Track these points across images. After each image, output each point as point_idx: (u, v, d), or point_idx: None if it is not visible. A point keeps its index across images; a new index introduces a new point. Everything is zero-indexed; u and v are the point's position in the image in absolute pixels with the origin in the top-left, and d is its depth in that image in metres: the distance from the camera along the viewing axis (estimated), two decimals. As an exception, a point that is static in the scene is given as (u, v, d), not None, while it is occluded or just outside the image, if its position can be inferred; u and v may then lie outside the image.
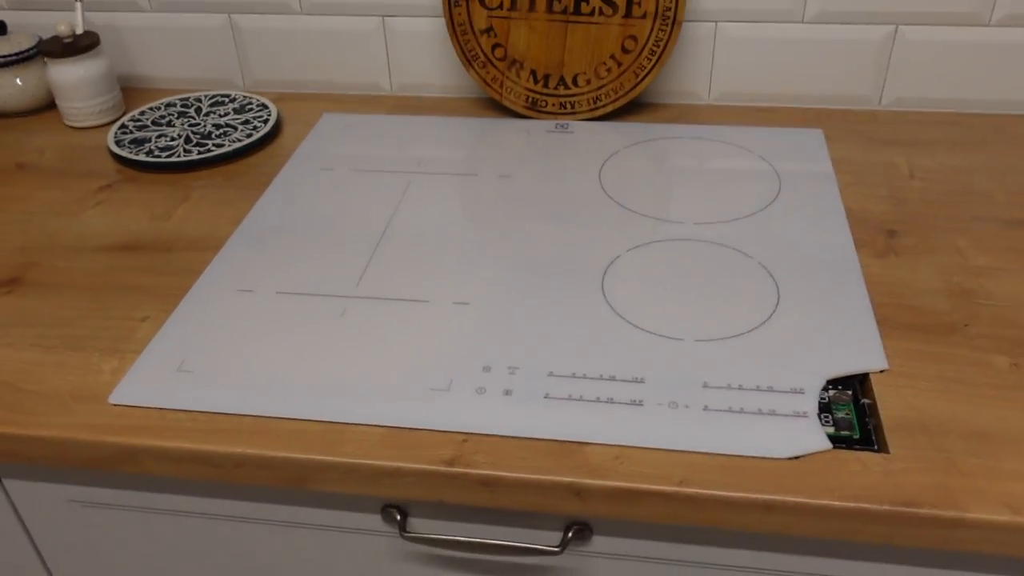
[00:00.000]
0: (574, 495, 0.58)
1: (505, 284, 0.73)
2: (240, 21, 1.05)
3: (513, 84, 0.98)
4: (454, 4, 0.95)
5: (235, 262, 0.77)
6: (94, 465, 0.63)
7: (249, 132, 0.96)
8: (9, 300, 0.75)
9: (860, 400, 0.63)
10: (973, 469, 0.57)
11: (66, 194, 0.90)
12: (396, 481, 0.59)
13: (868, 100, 0.99)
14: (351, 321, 0.70)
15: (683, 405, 0.61)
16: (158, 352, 0.68)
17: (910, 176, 0.87)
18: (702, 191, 0.85)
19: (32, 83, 1.04)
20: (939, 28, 0.93)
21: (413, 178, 0.89)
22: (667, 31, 0.92)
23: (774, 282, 0.73)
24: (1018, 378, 0.63)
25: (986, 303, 0.70)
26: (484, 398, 0.63)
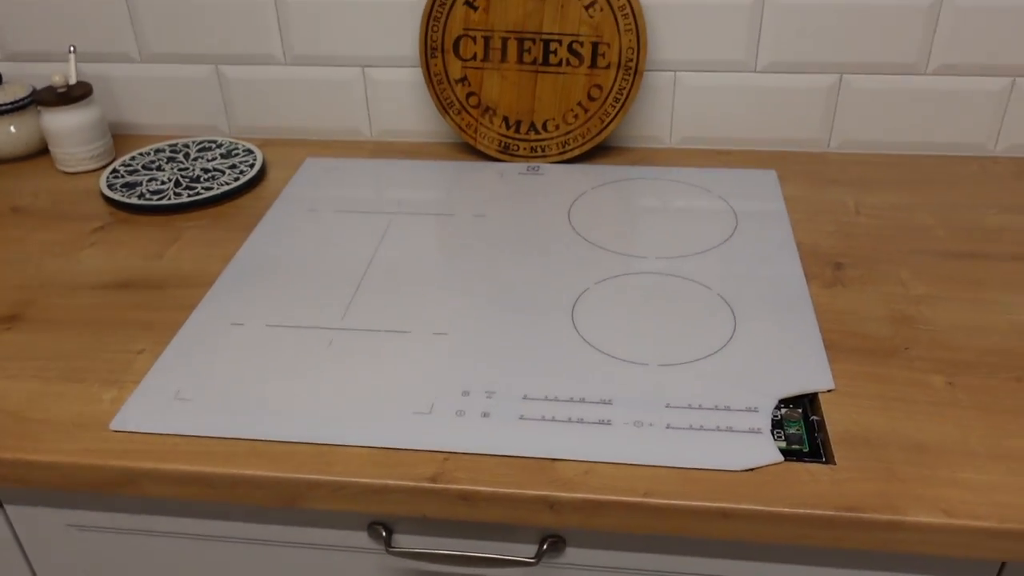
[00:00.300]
0: (547, 507, 0.62)
1: (481, 315, 0.79)
2: (226, 71, 1.10)
3: (487, 130, 1.04)
4: (430, 55, 1.01)
5: (226, 297, 0.82)
6: (96, 488, 0.66)
7: (236, 176, 1.01)
8: (9, 336, 0.79)
9: (810, 417, 0.68)
10: (911, 477, 0.62)
11: (61, 235, 0.94)
12: (383, 498, 0.64)
13: (818, 143, 1.06)
14: (338, 351, 0.75)
15: (647, 424, 0.67)
16: (155, 382, 0.72)
17: (856, 213, 0.94)
18: (664, 228, 0.91)
19: (26, 130, 1.09)
20: (880, 77, 1.01)
21: (393, 218, 0.94)
22: (630, 80, 0.99)
23: (731, 311, 0.79)
24: (952, 395, 0.69)
25: (925, 328, 0.77)
26: (463, 420, 0.67)
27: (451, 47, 1.01)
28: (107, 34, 1.10)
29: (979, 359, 0.73)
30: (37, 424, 0.69)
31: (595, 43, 0.98)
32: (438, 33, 1.00)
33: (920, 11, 0.97)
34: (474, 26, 1.00)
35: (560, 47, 0.99)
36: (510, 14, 0.98)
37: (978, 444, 0.65)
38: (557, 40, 0.99)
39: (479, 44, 1.00)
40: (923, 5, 0.96)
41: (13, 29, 1.11)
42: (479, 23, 0.99)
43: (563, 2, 0.97)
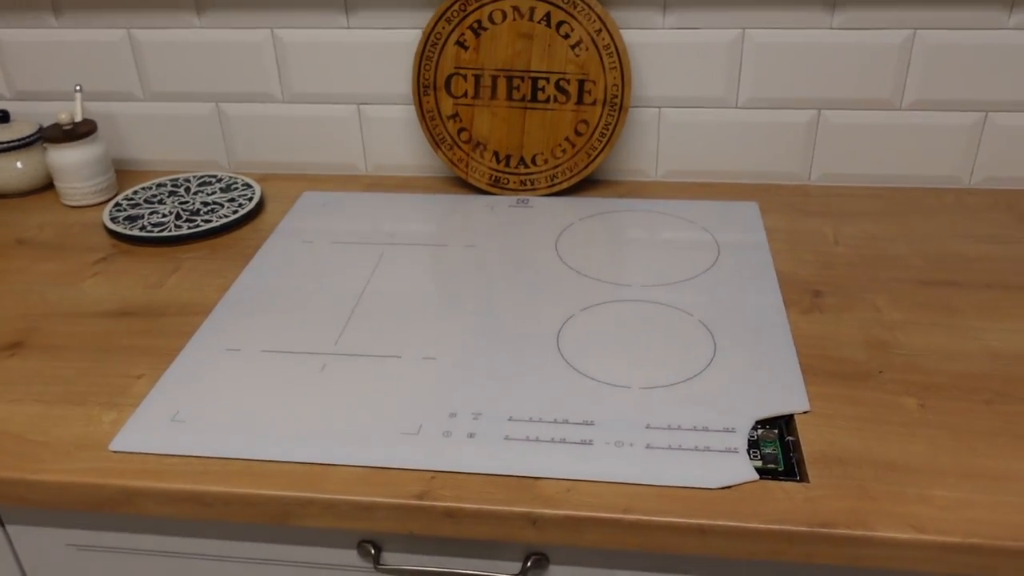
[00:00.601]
0: (530, 524, 0.65)
1: (470, 341, 0.81)
2: (226, 109, 1.14)
3: (478, 164, 1.07)
4: (423, 93, 1.05)
5: (223, 325, 0.85)
6: (94, 507, 0.69)
7: (235, 209, 1.05)
8: (13, 362, 0.82)
9: (785, 438, 0.70)
10: (882, 495, 0.64)
11: (64, 266, 0.97)
12: (371, 515, 0.66)
13: (799, 176, 1.10)
14: (330, 375, 0.77)
15: (627, 444, 0.69)
16: (153, 405, 0.75)
17: (835, 243, 0.97)
18: (648, 258, 0.94)
19: (32, 166, 1.12)
20: (857, 112, 1.05)
21: (386, 249, 0.97)
22: (615, 116, 1.03)
23: (711, 337, 0.81)
24: (924, 416, 0.72)
25: (899, 352, 0.79)
26: (450, 440, 0.70)
27: (443, 85, 1.05)
28: (112, 74, 1.14)
29: (951, 382, 0.75)
30: (38, 446, 0.71)
31: (581, 80, 1.02)
32: (430, 72, 1.04)
33: (893, 49, 1.01)
34: (465, 65, 1.03)
35: (548, 84, 1.03)
36: (499, 53, 1.02)
37: (948, 463, 0.67)
38: (545, 78, 1.03)
39: (470, 82, 1.04)
40: (895, 43, 1.00)
41: (22, 69, 1.15)
42: (470, 62, 1.03)
43: (550, 41, 1.01)
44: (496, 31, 1.02)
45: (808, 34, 1.01)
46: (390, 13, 1.05)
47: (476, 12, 1.01)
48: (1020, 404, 0.73)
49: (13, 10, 1.11)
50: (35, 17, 1.11)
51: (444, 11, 1.02)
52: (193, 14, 1.09)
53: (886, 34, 1.00)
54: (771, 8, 1.00)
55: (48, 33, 1.12)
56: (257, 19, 1.08)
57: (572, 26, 1.00)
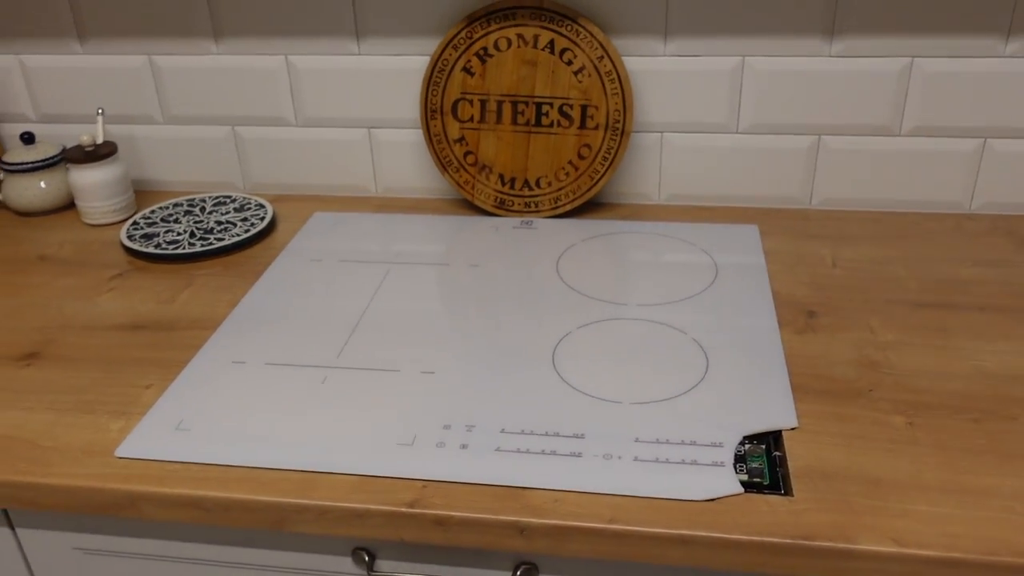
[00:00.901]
0: (518, 532, 0.66)
1: (468, 356, 0.83)
2: (242, 132, 1.18)
3: (483, 186, 1.10)
4: (430, 117, 1.08)
5: (230, 338, 0.88)
6: (100, 511, 0.71)
7: (247, 228, 1.08)
8: (29, 372, 0.85)
9: (772, 453, 0.72)
10: (865, 509, 0.65)
11: (82, 281, 1.00)
12: (364, 522, 0.68)
13: (800, 200, 1.11)
14: (331, 387, 0.80)
15: (616, 456, 0.70)
16: (160, 414, 0.77)
17: (833, 265, 0.98)
18: (647, 278, 0.96)
19: (54, 186, 1.16)
20: (857, 138, 1.06)
21: (392, 268, 1.00)
22: (617, 140, 1.05)
23: (704, 355, 0.83)
24: (911, 434, 0.73)
25: (890, 372, 0.80)
26: (443, 451, 0.72)
27: (450, 109, 1.08)
28: (133, 98, 1.18)
29: (940, 401, 0.76)
30: (49, 451, 0.74)
31: (584, 106, 1.05)
32: (437, 97, 1.07)
33: (891, 76, 1.02)
34: (471, 90, 1.06)
35: (551, 109, 1.05)
36: (504, 79, 1.05)
37: (932, 479, 0.68)
38: (549, 103, 1.05)
39: (476, 107, 1.07)
40: (893, 70, 1.02)
41: (48, 93, 1.20)
42: (476, 87, 1.06)
43: (554, 68, 1.04)
44: (501, 58, 1.05)
45: (807, 62, 1.03)
46: (399, 40, 1.09)
47: (482, 39, 1.05)
48: (1007, 422, 0.73)
49: (40, 37, 1.16)
50: (61, 43, 1.16)
51: (451, 38, 1.05)
52: (211, 41, 1.13)
53: (884, 62, 1.02)
54: (770, 36, 1.02)
55: (73, 59, 1.17)
56: (272, 46, 1.12)
57: (575, 53, 1.03)
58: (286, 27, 1.10)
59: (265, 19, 1.10)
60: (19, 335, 0.90)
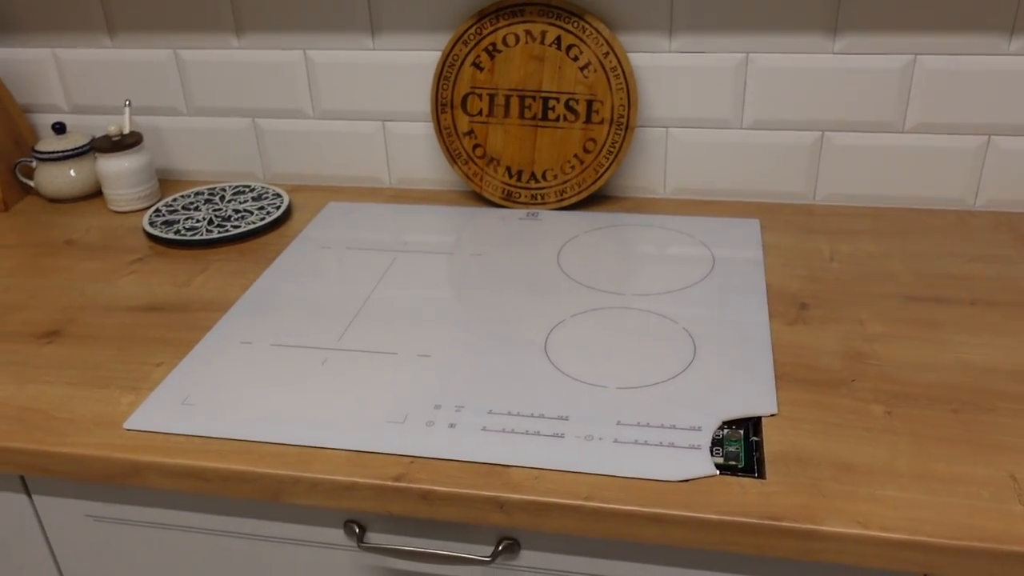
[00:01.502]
0: (498, 507, 0.69)
1: (463, 340, 0.86)
2: (262, 124, 1.22)
3: (491, 178, 1.13)
4: (441, 111, 1.12)
5: (239, 320, 0.92)
6: (108, 480, 0.75)
7: (263, 216, 1.12)
8: (50, 348, 0.89)
9: (750, 438, 0.74)
10: (835, 493, 0.67)
11: (104, 265, 1.05)
12: (353, 494, 0.71)
13: (804, 196, 1.13)
14: (330, 368, 0.83)
15: (597, 438, 0.73)
16: (168, 389, 0.81)
17: (830, 259, 0.99)
18: (643, 269, 0.98)
19: (83, 174, 1.22)
20: (860, 134, 1.07)
21: (398, 255, 1.03)
22: (622, 135, 1.08)
23: (693, 343, 0.85)
24: (888, 423, 0.74)
25: (874, 363, 0.82)
26: (432, 429, 0.75)
27: (459, 103, 1.11)
28: (159, 90, 1.23)
29: (921, 392, 0.78)
30: (63, 422, 0.78)
31: (589, 101, 1.07)
32: (448, 91, 1.10)
33: (894, 73, 1.03)
34: (480, 85, 1.09)
35: (558, 104, 1.08)
36: (513, 74, 1.08)
37: (904, 466, 0.70)
38: (555, 98, 1.08)
39: (484, 101, 1.10)
40: (896, 67, 1.03)
41: (79, 85, 1.25)
42: (485, 82, 1.09)
43: (560, 64, 1.07)
44: (510, 53, 1.08)
45: (810, 59, 1.05)
46: (412, 36, 1.12)
47: (491, 35, 1.07)
48: (986, 414, 0.75)
49: (72, 31, 1.21)
50: (92, 38, 1.21)
51: (461, 34, 1.08)
52: (233, 36, 1.17)
53: (887, 59, 1.03)
54: (774, 33, 1.04)
55: (103, 53, 1.22)
56: (291, 41, 1.16)
57: (581, 49, 1.06)
58: (304, 23, 1.14)
59: (284, 15, 1.14)
60: (43, 314, 0.95)
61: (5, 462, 0.77)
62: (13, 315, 0.96)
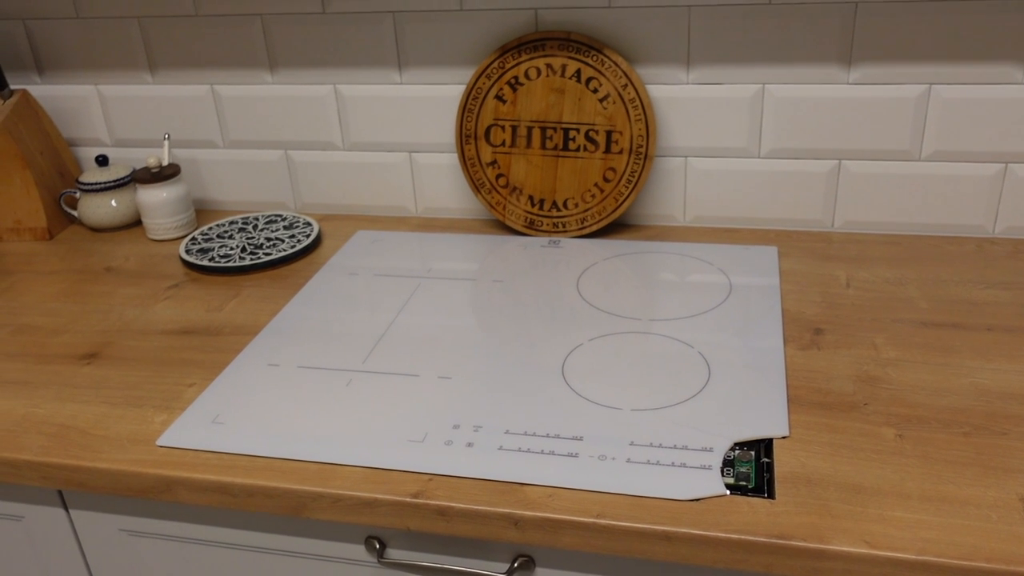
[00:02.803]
0: (512, 524, 0.71)
1: (483, 363, 0.89)
2: (294, 155, 1.27)
3: (514, 207, 1.16)
4: (465, 142, 1.15)
5: (268, 343, 0.95)
6: (141, 494, 0.79)
7: (294, 244, 1.16)
8: (88, 369, 0.93)
9: (761, 459, 0.75)
10: (843, 513, 0.68)
11: (142, 291, 1.10)
12: (373, 510, 0.74)
13: (822, 223, 1.14)
14: (355, 389, 0.86)
15: (610, 458, 0.75)
16: (199, 409, 0.85)
17: (847, 286, 1.01)
18: (660, 295, 1.00)
19: (124, 204, 1.27)
20: (878, 163, 1.09)
21: (422, 282, 1.06)
22: (641, 164, 1.10)
23: (707, 367, 0.87)
24: (899, 446, 0.75)
25: (887, 387, 0.83)
26: (450, 448, 0.77)
27: (483, 134, 1.14)
28: (197, 124, 1.28)
29: (933, 415, 0.79)
30: (99, 439, 0.82)
31: (609, 131, 1.10)
32: (472, 122, 1.14)
33: (909, 102, 1.05)
34: (503, 116, 1.13)
35: (578, 135, 1.11)
36: (534, 106, 1.12)
37: (913, 488, 0.70)
38: (575, 129, 1.11)
39: (507, 132, 1.13)
40: (911, 97, 1.05)
41: (121, 119, 1.31)
42: (507, 114, 1.13)
43: (580, 95, 1.10)
44: (531, 86, 1.11)
45: (826, 89, 1.07)
46: (437, 71, 1.16)
47: (513, 69, 1.11)
48: (997, 437, 0.75)
49: (116, 69, 1.27)
50: (134, 75, 1.27)
51: (485, 68, 1.12)
52: (267, 72, 1.22)
53: (902, 88, 1.05)
54: (789, 65, 1.06)
55: (144, 89, 1.28)
56: (322, 76, 1.21)
57: (600, 82, 1.09)
58: (335, 59, 1.19)
59: (316, 52, 1.19)
60: (83, 337, 1.00)
61: (45, 477, 0.81)
62: (56, 338, 1.00)
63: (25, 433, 0.84)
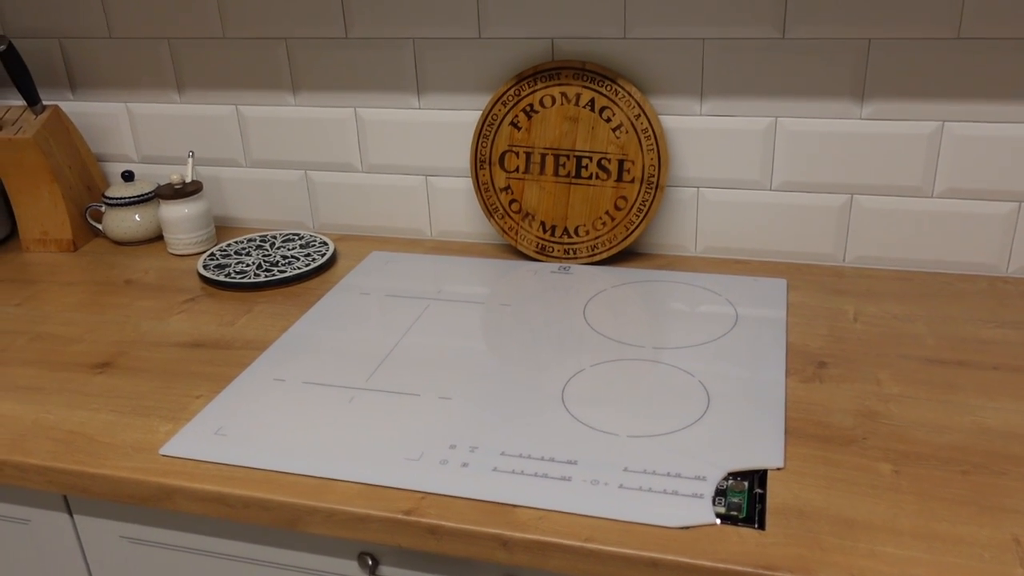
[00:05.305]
0: (501, 545, 0.71)
1: (484, 385, 0.90)
2: (313, 176, 1.29)
3: (526, 232, 1.17)
4: (479, 167, 1.17)
5: (276, 359, 0.97)
6: (142, 501, 0.80)
7: (308, 262, 1.18)
8: (101, 378, 0.96)
9: (754, 490, 0.75)
10: (833, 547, 0.68)
11: (158, 304, 1.12)
12: (366, 526, 0.74)
13: (834, 257, 1.14)
14: (356, 406, 0.87)
15: (603, 483, 0.75)
16: (203, 420, 0.86)
17: (854, 320, 1.00)
18: (665, 323, 1.00)
19: (147, 219, 1.30)
20: (890, 198, 1.09)
21: (431, 303, 1.08)
22: (652, 194, 1.11)
23: (707, 396, 0.87)
24: (895, 482, 0.75)
25: (887, 422, 0.82)
26: (445, 467, 0.78)
27: (497, 160, 1.16)
28: (221, 143, 1.31)
29: (932, 452, 0.78)
30: (104, 446, 0.84)
31: (621, 160, 1.11)
32: (487, 148, 1.16)
33: (922, 139, 1.05)
34: (517, 143, 1.15)
35: (591, 163, 1.12)
36: (548, 134, 1.13)
37: (906, 524, 0.70)
38: (588, 157, 1.12)
39: (521, 158, 1.15)
40: (924, 133, 1.05)
41: (148, 137, 1.34)
42: (522, 141, 1.14)
43: (593, 124, 1.11)
44: (546, 114, 1.13)
45: (838, 124, 1.07)
46: (454, 97, 1.18)
47: (528, 97, 1.13)
48: (996, 477, 0.75)
49: (145, 88, 1.31)
50: (162, 94, 1.31)
51: (500, 95, 1.14)
52: (290, 94, 1.25)
53: (915, 125, 1.05)
54: (802, 99, 1.07)
55: (171, 108, 1.31)
56: (343, 100, 1.23)
57: (614, 111, 1.10)
58: (356, 83, 1.21)
59: (337, 76, 1.22)
60: (98, 347, 1.02)
61: (51, 481, 0.83)
62: (71, 346, 1.02)
63: (34, 438, 0.86)
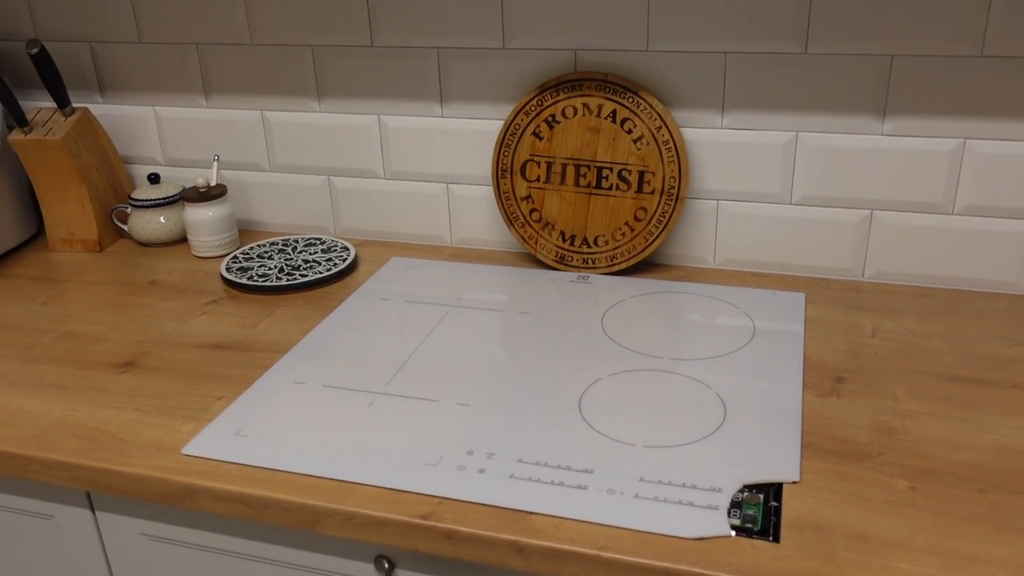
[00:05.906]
0: (517, 552, 0.72)
1: (502, 392, 0.91)
2: (336, 181, 1.31)
3: (546, 241, 1.18)
4: (501, 176, 1.18)
5: (296, 362, 0.98)
6: (163, 500, 0.81)
7: (330, 267, 1.19)
8: (125, 377, 0.97)
9: (770, 502, 0.75)
10: (847, 562, 0.68)
11: (181, 305, 1.14)
12: (383, 529, 0.75)
13: (853, 272, 1.14)
14: (375, 410, 0.88)
15: (619, 492, 0.76)
16: (225, 421, 0.88)
17: (872, 335, 1.00)
18: (683, 335, 1.01)
19: (172, 221, 1.32)
20: (910, 214, 1.09)
21: (450, 310, 1.09)
22: (672, 205, 1.12)
23: (724, 408, 0.87)
24: (911, 498, 0.75)
25: (904, 438, 0.82)
26: (463, 473, 0.79)
27: (519, 170, 1.17)
28: (246, 147, 1.33)
29: (949, 470, 0.78)
30: (128, 444, 0.85)
31: (641, 172, 1.12)
32: (508, 158, 1.17)
33: (943, 156, 1.05)
34: (539, 153, 1.15)
35: (611, 174, 1.13)
36: (570, 144, 1.14)
37: (921, 541, 0.70)
38: (609, 168, 1.13)
39: (542, 168, 1.16)
40: (945, 150, 1.05)
41: (175, 140, 1.36)
42: (543, 151, 1.15)
43: (615, 136, 1.12)
44: (567, 125, 1.13)
45: (859, 139, 1.07)
46: (477, 106, 1.19)
47: (551, 107, 1.14)
48: (1013, 496, 0.75)
49: (173, 92, 1.33)
50: (189, 99, 1.32)
51: (523, 105, 1.15)
52: (315, 101, 1.27)
53: (936, 142, 1.05)
54: (823, 114, 1.07)
55: (198, 112, 1.33)
56: (367, 107, 1.25)
57: (635, 123, 1.11)
58: (380, 90, 1.23)
59: (362, 83, 1.23)
60: (122, 346, 1.04)
61: (75, 478, 0.84)
62: (96, 346, 1.04)
63: (60, 435, 0.87)
